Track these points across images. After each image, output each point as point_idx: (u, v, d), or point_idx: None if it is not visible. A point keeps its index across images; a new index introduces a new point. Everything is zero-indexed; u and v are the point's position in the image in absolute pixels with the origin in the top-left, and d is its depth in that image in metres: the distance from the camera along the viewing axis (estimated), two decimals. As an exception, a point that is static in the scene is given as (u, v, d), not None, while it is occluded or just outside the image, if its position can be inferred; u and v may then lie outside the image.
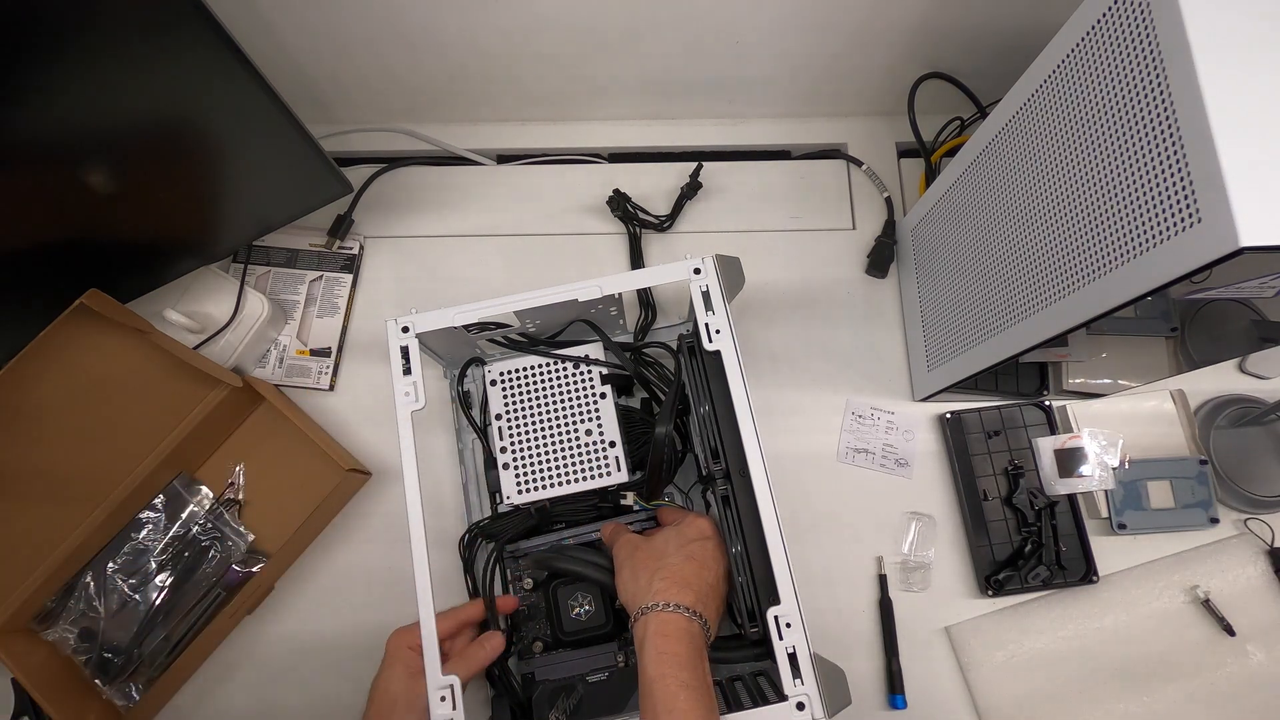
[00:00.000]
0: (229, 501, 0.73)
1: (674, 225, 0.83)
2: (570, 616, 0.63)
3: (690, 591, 0.53)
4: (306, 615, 0.72)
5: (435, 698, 0.51)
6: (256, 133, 0.63)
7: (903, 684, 0.69)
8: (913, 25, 0.72)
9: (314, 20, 0.69)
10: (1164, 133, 0.42)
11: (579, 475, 0.64)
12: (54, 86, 0.52)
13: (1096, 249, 0.48)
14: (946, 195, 0.70)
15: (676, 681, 0.48)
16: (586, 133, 0.87)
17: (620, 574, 0.57)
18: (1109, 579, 0.72)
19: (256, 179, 0.68)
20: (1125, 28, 0.44)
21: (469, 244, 0.82)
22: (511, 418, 0.65)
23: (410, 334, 0.59)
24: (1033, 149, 0.55)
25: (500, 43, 0.73)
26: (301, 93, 0.75)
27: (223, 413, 0.73)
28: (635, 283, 0.63)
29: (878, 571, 0.72)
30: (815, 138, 0.88)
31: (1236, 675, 0.69)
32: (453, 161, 0.86)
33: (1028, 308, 0.56)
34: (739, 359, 0.56)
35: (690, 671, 0.49)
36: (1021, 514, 0.72)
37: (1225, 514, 0.74)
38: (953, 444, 0.75)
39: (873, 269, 0.81)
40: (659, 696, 0.48)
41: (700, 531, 0.57)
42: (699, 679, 0.49)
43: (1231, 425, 0.75)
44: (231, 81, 0.57)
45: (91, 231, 0.65)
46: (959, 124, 0.81)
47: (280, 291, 0.79)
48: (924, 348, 0.75)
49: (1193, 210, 0.40)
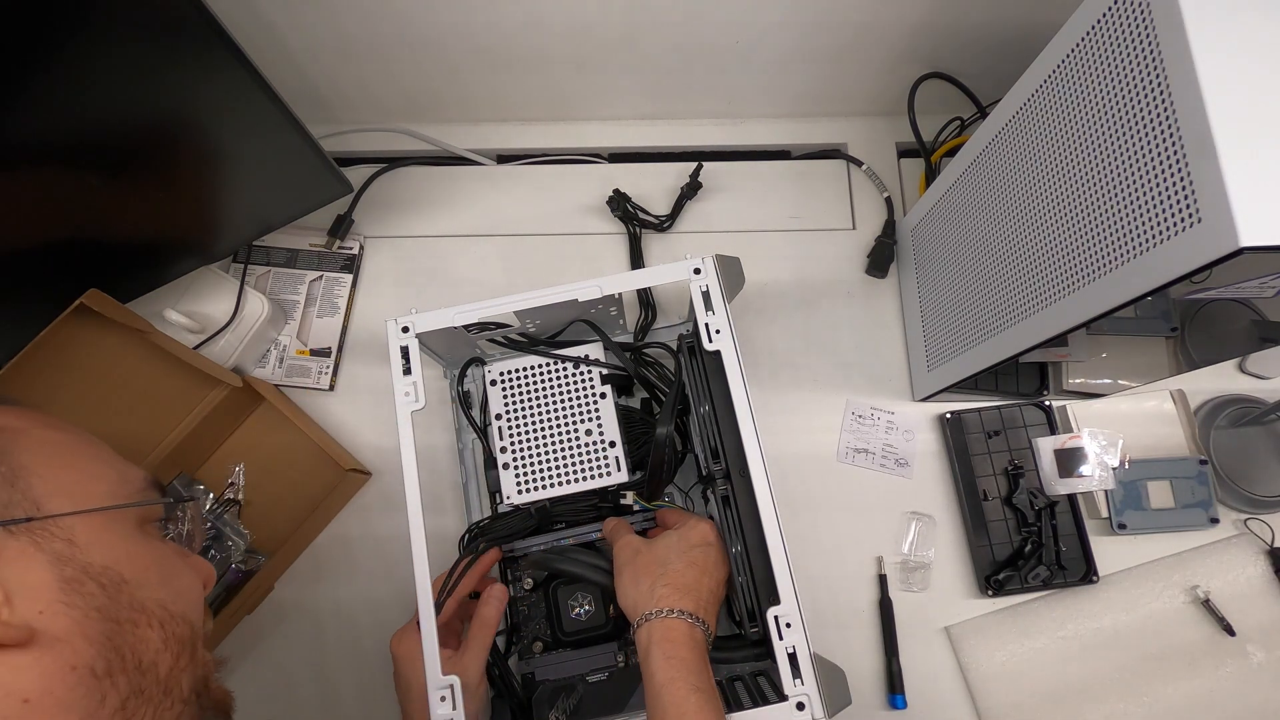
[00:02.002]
0: (229, 501, 0.73)
1: (674, 225, 0.83)
2: (570, 616, 0.63)
3: (693, 598, 0.53)
4: (306, 615, 0.72)
5: (435, 698, 0.51)
6: (257, 133, 0.63)
7: (903, 684, 0.69)
8: (913, 25, 0.72)
9: (314, 21, 0.69)
10: (1164, 133, 0.42)
11: (579, 475, 0.64)
12: (54, 87, 0.52)
13: (1096, 249, 0.48)
14: (946, 195, 0.70)
15: (687, 685, 0.48)
16: (586, 133, 0.87)
17: (620, 577, 0.57)
18: (1109, 579, 0.72)
19: (256, 179, 0.68)
20: (1125, 28, 0.44)
21: (469, 244, 0.82)
22: (511, 418, 0.65)
23: (410, 334, 0.59)
24: (1033, 149, 0.55)
25: (500, 43, 0.73)
26: (301, 93, 0.75)
27: (223, 413, 0.73)
28: (635, 283, 0.63)
29: (878, 571, 0.72)
30: (815, 138, 0.88)
31: (1236, 675, 0.69)
32: (453, 161, 0.86)
33: (1028, 308, 0.56)
34: (739, 359, 0.56)
35: (699, 675, 0.49)
36: (1021, 514, 0.72)
37: (1225, 514, 0.74)
38: (953, 444, 0.75)
39: (873, 269, 0.81)
40: (669, 701, 0.48)
41: (703, 537, 0.57)
42: (706, 683, 0.49)
43: (1231, 425, 0.75)
44: (232, 82, 0.57)
45: (91, 231, 0.64)
46: (959, 124, 0.81)
47: (280, 291, 0.79)
48: (924, 348, 0.75)
49: (1193, 210, 0.40)
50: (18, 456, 0.37)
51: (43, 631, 0.33)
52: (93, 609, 0.35)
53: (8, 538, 0.34)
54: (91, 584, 0.36)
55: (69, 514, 0.37)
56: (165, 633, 0.38)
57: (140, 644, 0.37)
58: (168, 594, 0.39)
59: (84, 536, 0.37)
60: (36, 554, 0.35)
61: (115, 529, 0.39)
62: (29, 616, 0.33)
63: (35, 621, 0.33)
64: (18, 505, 0.35)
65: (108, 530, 0.38)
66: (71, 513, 0.37)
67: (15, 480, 0.36)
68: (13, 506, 0.35)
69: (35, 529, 0.35)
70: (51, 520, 0.36)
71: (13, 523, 0.35)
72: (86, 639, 0.35)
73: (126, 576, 0.37)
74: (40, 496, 0.36)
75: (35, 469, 0.37)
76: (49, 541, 0.35)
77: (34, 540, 0.35)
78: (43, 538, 0.35)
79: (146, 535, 0.41)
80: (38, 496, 0.36)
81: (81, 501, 0.38)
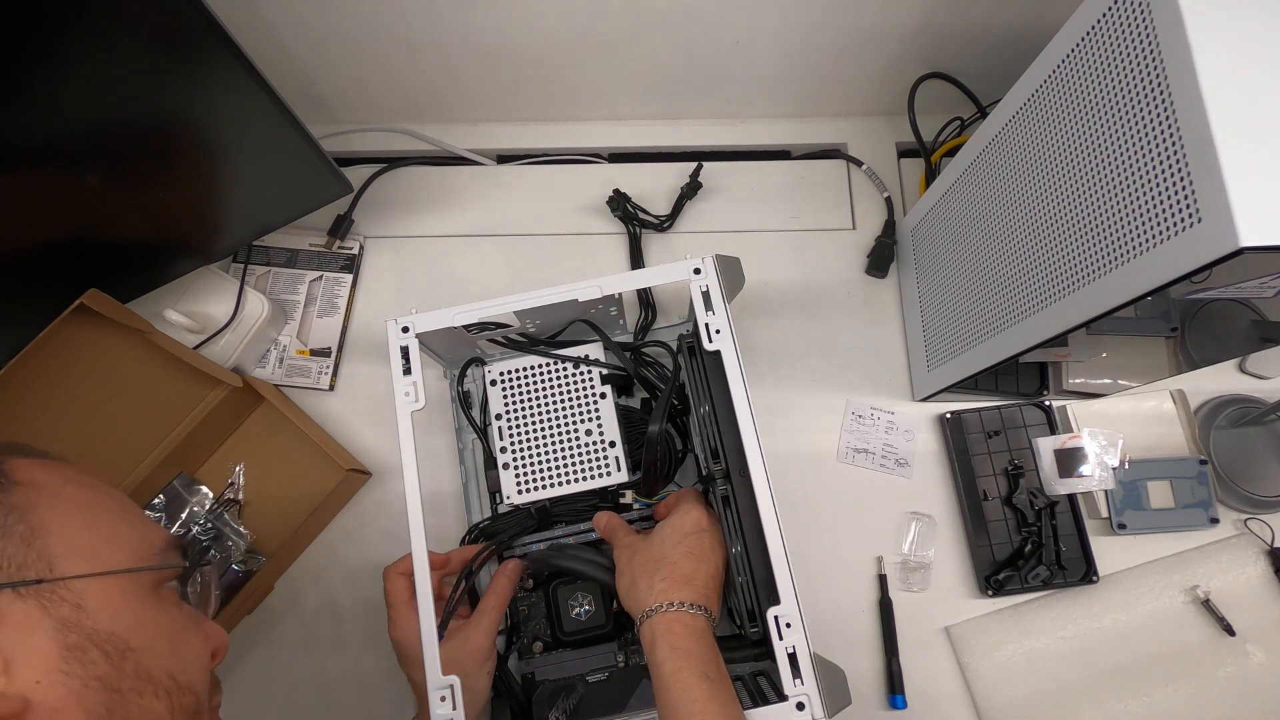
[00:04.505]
0: (229, 501, 0.73)
1: (674, 225, 0.83)
2: (570, 616, 0.63)
3: (692, 587, 0.53)
4: (306, 615, 0.72)
5: (435, 698, 0.51)
6: (257, 133, 0.63)
7: (903, 684, 0.69)
8: (913, 25, 0.72)
9: (314, 21, 0.69)
10: (1164, 132, 0.42)
11: (579, 475, 0.64)
12: (54, 87, 0.52)
13: (1097, 249, 0.48)
14: (946, 195, 0.70)
15: (696, 673, 0.48)
16: (586, 133, 0.87)
17: (621, 580, 0.57)
18: (1109, 579, 0.72)
19: (257, 179, 0.68)
20: (1125, 28, 0.44)
21: (469, 244, 0.82)
22: (511, 418, 0.65)
23: (410, 334, 0.59)
24: (1033, 149, 0.55)
25: (500, 43, 0.73)
26: (301, 93, 0.75)
27: (223, 413, 0.73)
28: (635, 283, 0.63)
29: (878, 571, 0.72)
30: (815, 138, 0.88)
31: (1236, 675, 0.69)
32: (453, 161, 0.86)
33: (1028, 307, 0.56)
34: (739, 359, 0.56)
35: (707, 663, 0.49)
36: (1021, 514, 0.72)
37: (1225, 514, 0.74)
38: (953, 444, 0.75)
39: (873, 269, 0.81)
40: (679, 691, 0.48)
41: (696, 524, 0.57)
42: (716, 669, 0.50)
43: (1231, 425, 0.75)
44: (232, 82, 0.57)
45: (91, 231, 0.65)
46: (959, 124, 0.81)
47: (280, 291, 0.79)
48: (924, 348, 0.75)
49: (1193, 210, 0.40)
50: (39, 514, 0.36)
51: (39, 703, 0.33)
52: (93, 678, 0.35)
53: (15, 600, 0.34)
54: (95, 651, 0.35)
55: (81, 576, 0.36)
56: (171, 703, 0.37)
57: (143, 715, 0.36)
58: (176, 663, 0.39)
59: (95, 601, 0.36)
60: (42, 619, 0.34)
61: (129, 592, 0.38)
62: (26, 686, 0.33)
63: (31, 692, 0.33)
64: (31, 566, 0.35)
65: (121, 594, 0.37)
66: (84, 575, 0.36)
67: (33, 540, 0.36)
68: (26, 568, 0.35)
69: (45, 592, 0.35)
70: (63, 583, 0.35)
71: (22, 584, 0.34)
72: (84, 710, 0.34)
73: (134, 644, 0.37)
74: (55, 556, 0.36)
75: (54, 528, 0.36)
76: (57, 606, 0.35)
77: (41, 604, 0.34)
78: (51, 602, 0.35)
79: (161, 600, 0.40)
80: (53, 556, 0.36)
81: (98, 564, 0.37)
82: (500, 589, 0.60)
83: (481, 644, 0.57)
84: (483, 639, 0.57)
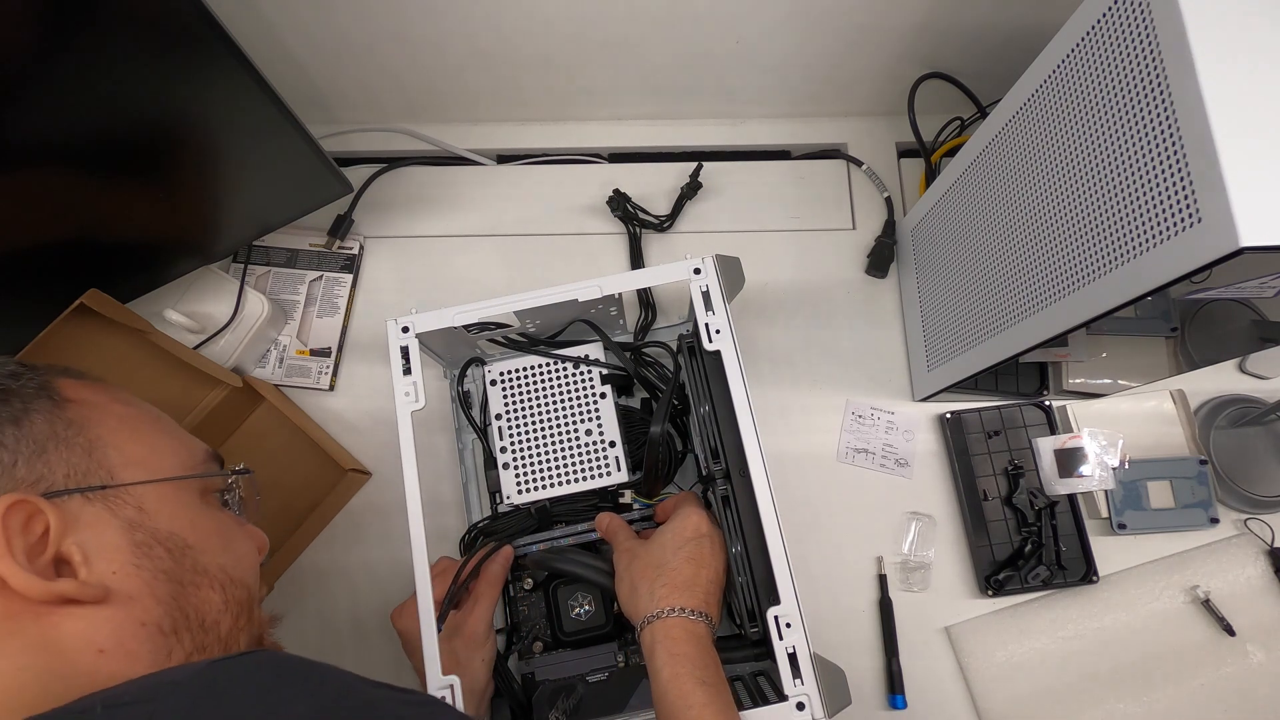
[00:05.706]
0: (229, 501, 0.73)
1: (674, 225, 0.83)
2: (570, 616, 0.63)
3: (691, 593, 0.53)
4: (306, 616, 0.72)
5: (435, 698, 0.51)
6: (257, 133, 0.63)
7: (903, 684, 0.69)
8: (913, 25, 0.72)
9: (314, 21, 0.69)
10: (1164, 133, 0.42)
11: (579, 475, 0.64)
12: (54, 87, 0.52)
13: (1096, 249, 0.48)
14: (946, 195, 0.70)
15: (692, 679, 0.48)
16: (586, 133, 0.87)
17: (620, 585, 0.57)
18: (1109, 579, 0.72)
19: (256, 179, 0.68)
20: (1125, 28, 0.44)
21: (469, 244, 0.82)
22: (511, 418, 0.65)
23: (410, 334, 0.59)
24: (1033, 149, 0.55)
25: (499, 43, 0.73)
26: (301, 93, 0.75)
27: (223, 413, 0.73)
28: (635, 283, 0.63)
29: (878, 571, 0.72)
30: (815, 138, 0.88)
31: (1236, 675, 0.69)
32: (453, 161, 0.86)
33: (1028, 307, 0.56)
34: (739, 359, 0.56)
35: (705, 669, 0.49)
36: (1021, 514, 0.72)
37: (1225, 514, 0.74)
38: (953, 444, 0.75)
39: (873, 269, 0.81)
40: (675, 696, 0.48)
41: (696, 529, 0.57)
42: (714, 675, 0.50)
43: (1231, 425, 0.75)
44: (232, 82, 0.57)
45: (91, 231, 0.65)
46: (959, 124, 0.81)
47: (280, 291, 0.79)
48: (924, 348, 0.75)
49: (1193, 210, 0.40)
50: (95, 429, 0.40)
51: (116, 590, 0.36)
52: (160, 571, 0.38)
53: (85, 504, 0.37)
54: (159, 548, 0.39)
55: (140, 483, 0.40)
56: (226, 595, 0.41)
57: (203, 605, 0.40)
58: (228, 559, 0.42)
59: (152, 504, 0.40)
60: (111, 519, 0.38)
61: (180, 498, 0.42)
62: (104, 576, 0.36)
63: (110, 581, 0.36)
64: (94, 474, 0.38)
65: (174, 499, 0.41)
66: (142, 481, 0.40)
67: (93, 451, 0.39)
68: (90, 475, 0.38)
69: (109, 496, 0.38)
70: (124, 489, 0.39)
71: (90, 489, 0.38)
72: (155, 598, 0.37)
73: (190, 542, 0.40)
74: (115, 466, 0.39)
75: (110, 441, 0.40)
76: (121, 509, 0.38)
77: (108, 507, 0.38)
78: (116, 505, 0.38)
79: (208, 504, 0.44)
80: (112, 466, 0.39)
81: (151, 472, 0.41)
82: (493, 574, 0.61)
83: (477, 629, 0.58)
84: (477, 624, 0.58)
